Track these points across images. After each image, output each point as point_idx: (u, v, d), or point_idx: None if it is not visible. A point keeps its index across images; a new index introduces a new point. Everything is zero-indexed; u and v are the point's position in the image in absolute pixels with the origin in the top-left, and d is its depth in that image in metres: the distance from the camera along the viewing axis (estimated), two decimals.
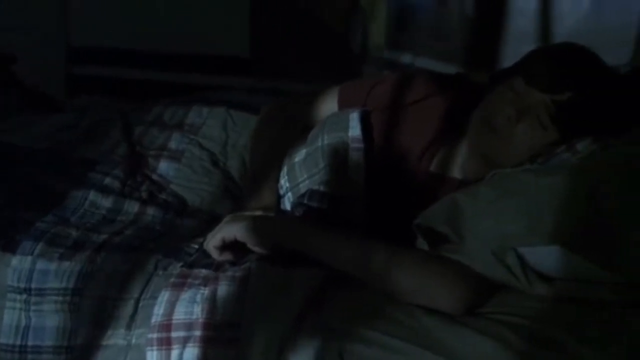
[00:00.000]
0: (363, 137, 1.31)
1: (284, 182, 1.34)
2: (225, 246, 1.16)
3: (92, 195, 1.35)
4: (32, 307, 1.11)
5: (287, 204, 1.32)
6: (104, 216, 1.32)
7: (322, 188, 1.27)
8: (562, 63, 1.21)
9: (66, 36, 2.79)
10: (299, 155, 1.35)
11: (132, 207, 1.35)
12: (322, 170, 1.29)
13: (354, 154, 1.30)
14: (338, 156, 1.30)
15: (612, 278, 0.98)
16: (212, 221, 1.28)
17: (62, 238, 1.19)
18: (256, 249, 1.15)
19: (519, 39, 2.47)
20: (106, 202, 1.35)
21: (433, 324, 1.00)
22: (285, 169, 1.35)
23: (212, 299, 1.05)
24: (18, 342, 1.11)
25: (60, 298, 1.11)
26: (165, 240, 1.25)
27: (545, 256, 1.01)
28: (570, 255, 0.98)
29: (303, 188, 1.29)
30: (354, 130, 1.32)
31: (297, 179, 1.32)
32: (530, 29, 2.46)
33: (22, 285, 1.12)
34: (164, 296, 1.07)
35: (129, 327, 1.08)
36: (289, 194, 1.32)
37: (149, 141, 1.54)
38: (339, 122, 1.35)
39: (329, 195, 1.26)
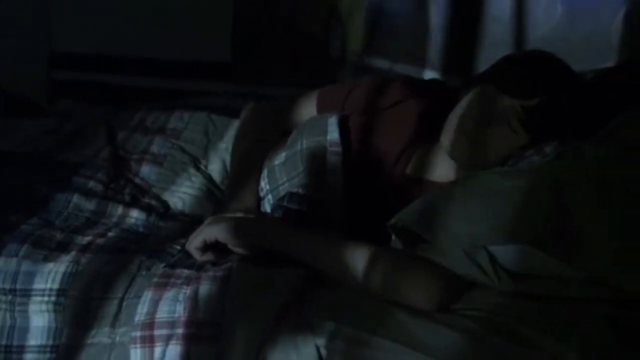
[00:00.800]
0: (341, 140, 1.35)
1: (264, 184, 1.38)
2: (206, 247, 1.20)
3: (76, 198, 1.38)
4: (17, 308, 1.14)
5: (267, 206, 1.35)
6: (88, 219, 1.34)
7: (301, 191, 1.30)
8: (530, 70, 1.26)
9: (48, 41, 2.81)
10: (279, 158, 1.38)
11: (115, 210, 1.38)
12: (301, 174, 1.32)
13: (332, 158, 1.34)
14: (317, 160, 1.34)
15: (574, 274, 1.02)
16: (194, 223, 1.31)
17: (47, 240, 1.22)
18: (237, 249, 1.19)
19: (494, 46, 2.52)
20: (90, 205, 1.38)
21: (407, 319, 1.04)
22: (265, 172, 1.39)
23: (194, 298, 1.08)
24: (3, 342, 1.13)
25: (46, 298, 1.13)
26: (148, 242, 1.28)
27: (513, 254, 1.06)
28: (536, 253, 1.03)
29: (283, 190, 1.33)
30: (332, 134, 1.36)
31: (277, 181, 1.35)
32: (505, 36, 2.52)
33: (7, 286, 1.15)
34: (147, 295, 1.10)
35: (113, 325, 1.10)
36: (269, 196, 1.35)
37: (131, 145, 1.58)
38: (318, 126, 1.39)
39: (307, 198, 1.30)
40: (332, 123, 1.38)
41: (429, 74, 2.59)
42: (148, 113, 1.69)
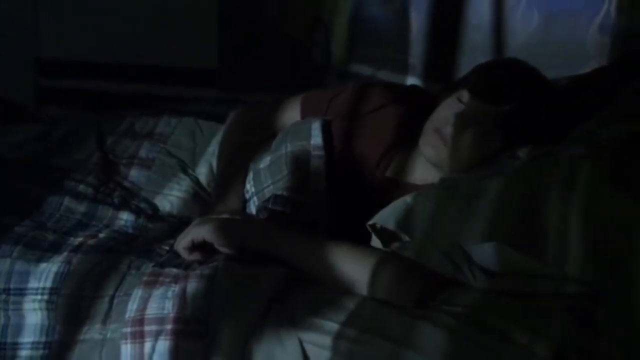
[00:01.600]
0: (324, 145, 1.41)
1: (249, 187, 1.42)
2: (194, 247, 1.24)
3: (67, 201, 1.43)
4: (12, 307, 1.18)
5: (252, 208, 1.40)
6: (79, 221, 1.39)
7: (285, 193, 1.35)
8: (503, 77, 1.32)
9: (35, 48, 2.83)
10: (264, 162, 1.43)
11: (105, 212, 1.42)
12: (285, 177, 1.37)
13: (315, 161, 1.39)
14: (300, 163, 1.39)
15: (546, 271, 1.08)
16: (181, 225, 1.36)
17: (40, 241, 1.27)
18: (223, 249, 1.23)
19: (474, 52, 2.57)
20: (81, 208, 1.42)
21: (389, 315, 1.08)
22: (251, 175, 1.44)
23: (182, 296, 1.12)
24: None
25: (39, 297, 1.18)
26: (138, 242, 1.32)
27: (489, 253, 1.11)
28: (510, 251, 1.09)
29: (267, 193, 1.38)
30: (316, 138, 1.41)
31: (262, 184, 1.40)
32: (484, 43, 2.57)
33: (2, 285, 1.19)
34: (137, 293, 1.14)
35: (104, 322, 1.14)
36: (254, 198, 1.40)
37: (121, 150, 1.62)
38: (302, 130, 1.44)
39: (291, 200, 1.35)
40: (315, 128, 1.43)
41: (411, 81, 2.65)
42: (136, 118, 1.73)
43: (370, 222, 1.20)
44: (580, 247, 1.07)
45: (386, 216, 1.20)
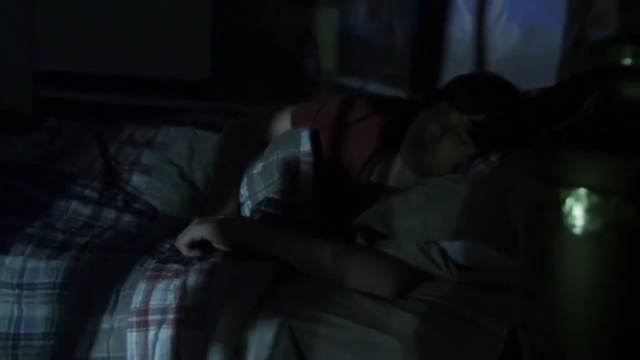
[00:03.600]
0: (312, 151, 1.52)
1: (243, 191, 1.53)
2: (193, 244, 1.35)
3: (74, 204, 1.53)
4: (24, 300, 1.28)
5: (246, 211, 1.51)
6: (85, 222, 1.49)
7: (276, 196, 1.46)
8: (478, 89, 1.43)
9: (34, 60, 2.92)
10: (257, 168, 1.54)
11: (109, 214, 1.53)
12: (276, 181, 1.48)
13: (305, 166, 1.49)
14: (291, 168, 1.49)
15: (513, 265, 1.18)
16: (180, 225, 1.46)
17: (50, 241, 1.37)
18: (220, 246, 1.34)
19: (457, 65, 2.68)
20: (87, 210, 1.53)
21: (370, 305, 1.19)
22: (245, 180, 1.54)
23: (183, 288, 1.22)
24: (12, 331, 1.27)
25: (49, 291, 1.27)
26: (140, 241, 1.42)
27: (461, 249, 1.22)
28: (481, 247, 1.20)
29: (260, 196, 1.48)
30: (305, 146, 1.52)
31: (255, 188, 1.51)
32: (467, 56, 2.69)
33: (15, 281, 1.29)
34: (141, 287, 1.25)
35: (111, 313, 1.24)
36: (248, 201, 1.51)
37: (122, 157, 1.73)
38: (292, 139, 1.55)
39: (282, 203, 1.45)
40: (304, 136, 1.54)
41: (398, 92, 2.75)
42: (137, 128, 1.84)
43: (355, 221, 1.31)
44: None
45: (369, 216, 1.31)
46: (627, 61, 0.41)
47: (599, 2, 2.43)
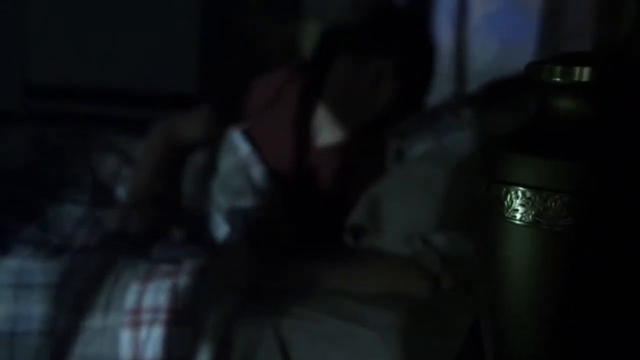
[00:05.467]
0: (251, 150, 1.57)
1: (210, 205, 1.60)
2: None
3: (67, 208, 1.60)
4: (21, 299, 1.34)
5: (219, 223, 1.57)
6: (79, 225, 1.56)
7: (239, 203, 1.53)
8: (389, 32, 1.49)
9: (24, 72, 2.96)
10: (214, 182, 1.61)
11: (102, 217, 1.60)
12: (234, 189, 1.55)
13: (251, 168, 1.56)
14: (239, 174, 1.56)
15: None
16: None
17: (46, 243, 1.43)
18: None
19: (439, 77, 2.78)
20: (79, 213, 1.59)
21: (349, 302, 1.27)
22: (210, 194, 1.61)
23: (175, 289, 1.29)
24: (8, 329, 1.33)
25: (46, 291, 1.33)
26: (132, 243, 1.49)
27: (446, 240, 1.30)
28: (461, 238, 1.28)
29: (225, 207, 1.55)
30: (242, 148, 1.58)
31: (219, 200, 1.58)
32: (448, 69, 2.78)
33: (13, 281, 1.35)
34: (134, 287, 1.31)
35: (104, 312, 1.31)
36: (216, 215, 1.58)
37: (108, 166, 1.80)
38: (230, 147, 1.61)
39: (245, 208, 1.52)
40: (237, 139, 1.60)
41: None
42: (122, 138, 1.92)
43: (347, 223, 1.39)
44: None
45: (358, 215, 1.39)
46: (558, 79, 0.49)
47: (573, 18, 2.52)
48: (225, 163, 1.59)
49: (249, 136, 1.60)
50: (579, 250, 0.46)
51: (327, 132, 1.56)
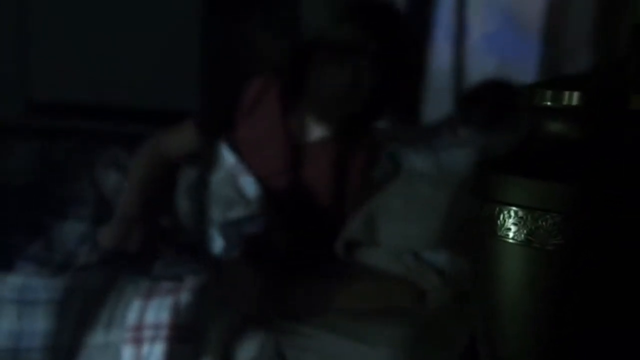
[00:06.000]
0: (236, 160, 1.59)
1: (208, 217, 1.61)
2: None
3: (71, 225, 1.61)
4: (25, 316, 1.35)
5: (215, 236, 1.58)
6: (81, 242, 1.57)
7: (230, 215, 1.54)
8: (366, 23, 1.48)
9: (27, 89, 2.99)
10: (210, 196, 1.61)
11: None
12: (225, 201, 1.56)
13: (239, 178, 1.57)
14: (229, 184, 1.57)
15: None
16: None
17: (49, 260, 1.45)
18: None
19: (437, 93, 2.80)
20: (82, 230, 1.61)
21: (346, 318, 1.28)
22: (208, 207, 1.62)
23: (176, 306, 1.31)
24: (12, 345, 1.34)
25: (49, 307, 1.35)
26: (133, 259, 1.51)
27: (442, 259, 1.32)
28: (454, 256, 1.29)
29: (219, 219, 1.56)
30: (228, 159, 1.60)
31: (214, 213, 1.59)
32: (446, 85, 2.81)
33: (16, 297, 1.36)
34: (136, 304, 1.33)
35: (106, 329, 1.32)
36: (212, 228, 1.59)
37: (110, 182, 1.82)
38: (217, 160, 1.62)
39: (238, 219, 1.53)
40: (223, 149, 1.61)
41: (383, 121, 2.85)
42: (124, 155, 1.93)
43: (341, 238, 1.40)
44: None
45: (353, 229, 1.41)
46: (548, 103, 0.51)
47: (572, 36, 2.55)
48: (214, 175, 1.61)
49: (234, 146, 1.61)
50: (569, 268, 0.48)
51: (311, 131, 1.58)
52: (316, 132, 1.57)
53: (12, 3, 2.90)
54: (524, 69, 2.67)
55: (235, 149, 1.61)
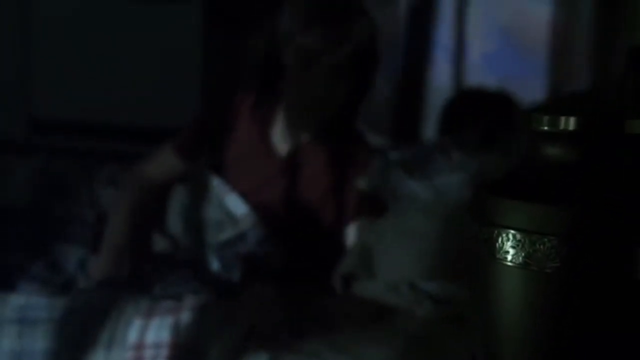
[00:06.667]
0: (219, 180, 1.60)
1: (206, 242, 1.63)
2: None
3: (69, 246, 1.62)
4: (25, 336, 1.36)
5: (213, 261, 1.59)
6: (82, 263, 1.58)
7: (222, 236, 1.56)
8: (333, 25, 1.47)
9: (28, 107, 3.00)
10: (205, 222, 1.63)
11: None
12: (215, 223, 1.58)
13: (225, 198, 1.58)
14: (218, 206, 1.59)
15: None
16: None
17: (50, 281, 1.45)
18: None
19: (437, 112, 2.82)
20: (83, 252, 1.61)
21: (345, 336, 1.28)
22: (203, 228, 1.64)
23: (177, 326, 1.31)
24: None
25: (50, 327, 1.35)
26: (133, 279, 1.52)
27: (437, 287, 1.32)
28: (450, 285, 1.30)
29: (211, 241, 1.59)
30: (211, 180, 1.60)
31: (210, 239, 1.60)
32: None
33: (17, 316, 1.37)
34: (137, 324, 1.33)
35: (107, 348, 1.32)
36: (210, 252, 1.60)
37: (109, 201, 1.83)
38: (200, 182, 1.63)
39: (230, 238, 1.55)
40: (233, 200, 1.60)
41: (382, 140, 2.87)
42: (120, 170, 1.94)
43: (338, 273, 1.41)
44: None
45: (350, 261, 1.41)
46: (545, 128, 0.52)
47: (575, 57, 2.57)
48: (201, 198, 1.61)
49: (220, 165, 1.62)
50: (567, 291, 0.49)
51: (291, 138, 1.59)
52: (297, 139, 1.58)
53: (15, 23, 2.92)
54: (523, 89, 2.68)
55: (221, 167, 1.61)
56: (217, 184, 1.60)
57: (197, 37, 2.90)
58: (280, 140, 1.61)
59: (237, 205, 1.57)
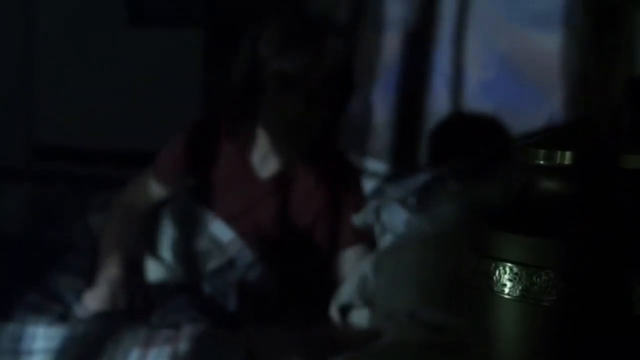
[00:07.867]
0: (203, 208, 1.59)
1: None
2: None
3: (68, 275, 1.61)
4: None
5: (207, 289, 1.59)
6: (79, 292, 1.57)
7: (211, 266, 1.56)
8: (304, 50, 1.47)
9: (31, 133, 3.01)
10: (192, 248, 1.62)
11: None
12: (206, 252, 1.57)
13: (210, 226, 1.57)
14: (204, 234, 1.58)
15: None
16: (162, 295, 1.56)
17: (48, 310, 1.45)
18: None
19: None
20: (80, 281, 1.61)
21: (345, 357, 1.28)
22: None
23: (174, 355, 1.30)
24: None
25: (47, 357, 1.35)
26: (131, 309, 1.51)
27: (430, 315, 1.31)
28: (447, 314, 1.29)
29: (202, 272, 1.58)
30: (194, 208, 1.61)
31: (203, 267, 1.59)
32: None
33: (13, 346, 1.36)
34: (135, 353, 1.32)
35: None
36: (206, 282, 1.59)
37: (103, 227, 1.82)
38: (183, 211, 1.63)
39: (220, 267, 1.55)
40: (188, 199, 1.61)
41: (381, 165, 2.87)
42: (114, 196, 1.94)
43: (337, 302, 1.40)
44: None
45: (346, 295, 1.41)
46: (541, 162, 0.52)
47: (570, 84, 2.58)
48: (187, 229, 1.61)
49: (199, 195, 1.61)
50: (564, 324, 0.49)
51: (272, 162, 1.59)
52: (277, 162, 1.59)
53: (17, 50, 2.94)
54: (521, 117, 2.69)
55: (204, 192, 1.61)
56: (200, 212, 1.59)
57: (197, 64, 2.92)
58: (260, 163, 1.61)
59: (222, 231, 1.57)
